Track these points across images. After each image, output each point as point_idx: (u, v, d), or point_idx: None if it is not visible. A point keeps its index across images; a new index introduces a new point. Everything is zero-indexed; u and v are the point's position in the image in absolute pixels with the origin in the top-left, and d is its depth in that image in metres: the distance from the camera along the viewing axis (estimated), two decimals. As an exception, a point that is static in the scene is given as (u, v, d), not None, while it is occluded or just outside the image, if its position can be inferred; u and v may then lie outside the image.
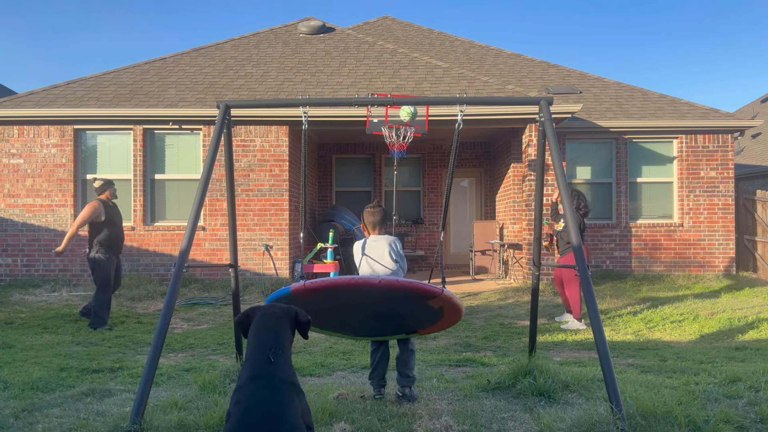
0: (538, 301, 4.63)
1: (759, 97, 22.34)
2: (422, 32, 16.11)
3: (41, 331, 6.79)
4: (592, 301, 3.37)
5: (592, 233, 11.36)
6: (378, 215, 3.90)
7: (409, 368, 3.80)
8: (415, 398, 3.77)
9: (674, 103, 12.10)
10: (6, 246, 10.08)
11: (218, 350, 5.94)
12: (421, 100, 4.68)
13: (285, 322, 2.51)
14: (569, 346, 6.10)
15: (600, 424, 3.07)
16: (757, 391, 3.73)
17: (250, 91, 10.54)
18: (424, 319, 3.62)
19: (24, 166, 10.16)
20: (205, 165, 3.92)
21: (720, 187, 11.37)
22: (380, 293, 3.23)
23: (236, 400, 2.26)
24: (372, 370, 3.89)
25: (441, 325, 3.73)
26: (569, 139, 11.41)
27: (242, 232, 9.86)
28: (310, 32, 13.02)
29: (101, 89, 10.69)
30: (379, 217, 3.90)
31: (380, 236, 3.88)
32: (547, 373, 3.89)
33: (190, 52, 12.23)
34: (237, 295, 4.46)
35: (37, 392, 4.09)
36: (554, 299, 9.03)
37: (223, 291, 9.45)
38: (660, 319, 7.54)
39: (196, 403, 3.69)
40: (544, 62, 14.43)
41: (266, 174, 10.17)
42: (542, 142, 4.07)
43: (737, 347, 5.90)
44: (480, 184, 14.26)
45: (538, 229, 4.37)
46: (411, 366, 3.82)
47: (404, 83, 10.82)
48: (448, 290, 3.27)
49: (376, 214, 3.89)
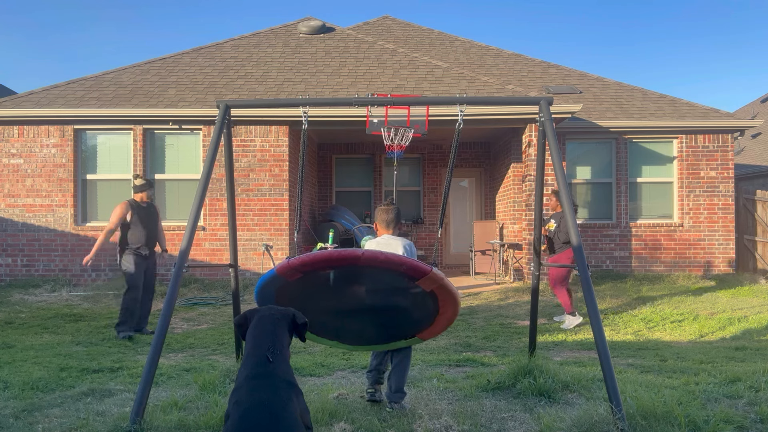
0: (538, 301, 4.63)
1: (759, 97, 22.34)
2: (422, 32, 16.11)
3: (41, 331, 6.79)
4: (592, 301, 3.37)
5: (592, 233, 11.36)
6: (392, 213, 3.75)
7: (404, 382, 3.67)
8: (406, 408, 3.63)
9: (674, 103, 12.10)
10: (6, 246, 10.08)
11: (218, 350, 5.94)
12: (421, 100, 4.68)
13: (282, 323, 2.52)
14: (569, 346, 6.10)
15: (600, 424, 3.07)
16: (757, 391, 3.73)
17: (250, 91, 10.54)
18: (419, 314, 3.45)
19: (24, 166, 10.16)
20: (205, 165, 3.92)
21: (720, 187, 11.37)
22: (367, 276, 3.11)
23: (235, 401, 2.26)
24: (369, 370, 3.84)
25: (439, 322, 3.50)
26: (569, 139, 11.41)
27: (242, 232, 9.86)
28: (310, 32, 13.02)
29: (101, 89, 10.69)
30: (393, 215, 3.75)
31: (394, 237, 3.74)
32: (547, 373, 3.89)
33: (190, 52, 12.23)
34: (237, 295, 4.46)
35: (37, 392, 4.08)
36: (554, 299, 9.03)
37: (223, 291, 9.45)
38: (660, 319, 7.54)
39: (196, 403, 3.69)
40: (544, 62, 14.43)
41: (266, 174, 10.17)
42: (542, 142, 4.07)
43: (737, 347, 5.90)
44: (480, 184, 14.26)
45: (538, 229, 4.38)
46: (405, 380, 3.70)
47: (404, 83, 10.82)
48: (438, 270, 3.09)
49: (390, 212, 3.75)
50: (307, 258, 2.99)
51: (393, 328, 3.55)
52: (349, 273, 3.18)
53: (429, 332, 3.59)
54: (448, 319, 3.46)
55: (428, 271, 2.98)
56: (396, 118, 7.88)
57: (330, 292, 3.34)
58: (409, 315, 3.48)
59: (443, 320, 3.47)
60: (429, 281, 3.07)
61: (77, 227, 10.11)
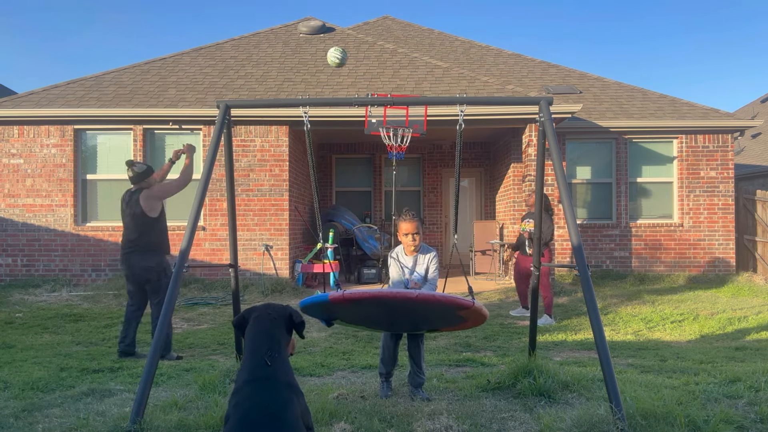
0: (538, 301, 4.63)
1: (759, 97, 22.34)
2: (422, 32, 16.11)
3: (41, 331, 6.78)
4: (592, 301, 3.36)
5: (592, 233, 11.36)
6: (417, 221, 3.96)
7: (422, 358, 3.96)
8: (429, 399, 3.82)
9: (674, 103, 12.10)
10: (6, 246, 10.08)
11: (218, 350, 5.94)
12: (422, 100, 4.68)
13: (280, 323, 2.50)
14: (569, 346, 6.10)
15: (600, 424, 3.07)
16: (757, 391, 3.73)
17: (250, 91, 10.54)
18: (447, 323, 3.78)
19: (24, 166, 10.16)
20: (205, 165, 3.92)
21: (720, 187, 11.37)
22: (415, 305, 3.32)
23: (234, 403, 2.26)
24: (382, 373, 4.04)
25: (462, 327, 3.90)
26: (569, 139, 11.41)
27: (242, 232, 9.85)
28: (310, 32, 13.01)
29: (101, 89, 10.69)
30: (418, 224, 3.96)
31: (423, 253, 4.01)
32: (547, 373, 3.89)
33: (190, 52, 12.23)
34: (237, 295, 4.46)
35: (37, 392, 4.08)
36: (554, 299, 9.02)
37: (223, 291, 9.44)
38: (660, 319, 7.54)
39: (196, 403, 3.69)
40: (544, 62, 14.43)
41: (266, 174, 10.17)
42: (542, 142, 4.07)
43: (737, 347, 5.90)
44: (480, 184, 14.26)
45: (538, 229, 4.37)
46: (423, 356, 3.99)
47: (404, 83, 10.82)
48: (478, 302, 3.37)
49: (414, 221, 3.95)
50: (365, 294, 3.28)
51: (420, 325, 3.89)
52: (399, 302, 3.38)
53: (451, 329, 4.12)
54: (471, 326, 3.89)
55: (470, 306, 3.29)
56: (394, 119, 7.87)
57: (376, 310, 3.53)
58: (438, 322, 3.80)
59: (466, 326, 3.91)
60: (469, 312, 3.39)
61: (77, 227, 10.11)
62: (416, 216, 3.99)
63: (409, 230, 3.92)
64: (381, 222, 13.67)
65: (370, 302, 3.36)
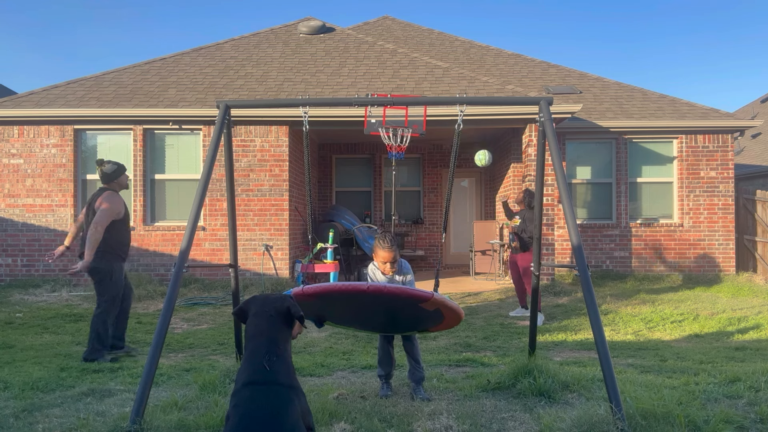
0: (538, 301, 4.63)
1: (759, 97, 22.33)
2: (422, 32, 16.11)
3: (41, 331, 6.78)
4: (592, 302, 3.36)
5: (592, 233, 11.36)
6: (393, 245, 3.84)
7: (419, 353, 3.99)
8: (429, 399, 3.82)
9: (674, 103, 12.10)
10: (6, 246, 10.08)
11: (218, 350, 5.94)
12: (422, 101, 4.68)
13: (278, 320, 2.49)
14: (569, 346, 6.10)
15: (600, 424, 3.07)
16: (757, 391, 3.73)
17: (250, 91, 10.54)
18: (427, 319, 3.70)
19: (24, 166, 10.16)
20: (205, 165, 3.92)
21: (720, 187, 11.37)
22: (374, 298, 3.32)
23: (235, 403, 2.25)
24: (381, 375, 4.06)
25: (446, 324, 3.84)
26: (569, 139, 11.41)
27: (242, 232, 9.86)
28: (310, 32, 13.02)
29: (101, 89, 10.69)
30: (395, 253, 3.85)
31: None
32: (547, 373, 3.89)
33: (190, 52, 12.23)
34: (237, 295, 4.46)
35: (37, 392, 4.08)
36: (554, 299, 9.04)
37: (223, 291, 9.45)
38: (660, 319, 7.54)
39: (196, 403, 3.69)
40: (544, 62, 14.43)
41: (266, 174, 10.17)
42: (542, 142, 4.07)
43: (737, 347, 5.91)
44: (480, 184, 14.26)
45: (538, 229, 4.37)
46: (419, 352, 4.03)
47: (404, 83, 10.82)
48: (439, 294, 3.34)
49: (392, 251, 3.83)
50: (318, 289, 3.34)
51: (404, 325, 3.88)
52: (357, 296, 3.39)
53: (436, 329, 3.98)
54: (454, 323, 3.81)
55: (429, 297, 3.29)
56: (394, 119, 7.88)
57: (346, 305, 3.57)
58: (418, 320, 3.75)
59: (449, 324, 3.83)
60: (431, 303, 3.36)
61: (77, 227, 10.11)
62: (394, 242, 3.84)
63: (387, 259, 3.82)
64: (381, 222, 13.67)
65: (330, 297, 3.38)
